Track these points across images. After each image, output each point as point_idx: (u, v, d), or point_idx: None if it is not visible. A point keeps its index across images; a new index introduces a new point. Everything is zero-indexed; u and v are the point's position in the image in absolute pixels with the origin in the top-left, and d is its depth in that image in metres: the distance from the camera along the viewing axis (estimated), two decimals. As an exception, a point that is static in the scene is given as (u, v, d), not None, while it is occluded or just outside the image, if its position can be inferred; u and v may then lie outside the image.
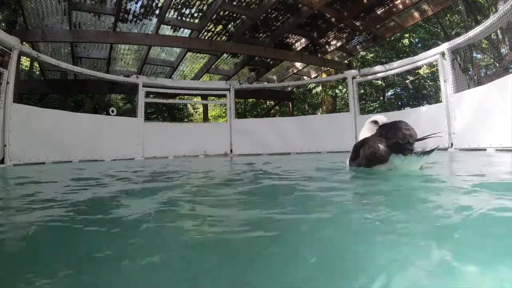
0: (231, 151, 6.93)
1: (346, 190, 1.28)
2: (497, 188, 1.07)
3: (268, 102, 14.09)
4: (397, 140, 1.53)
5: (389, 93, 15.64)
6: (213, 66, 8.48)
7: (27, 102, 8.22)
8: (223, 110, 14.36)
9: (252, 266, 0.47)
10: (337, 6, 6.27)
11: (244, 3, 5.86)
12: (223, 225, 0.74)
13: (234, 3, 5.77)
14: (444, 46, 5.05)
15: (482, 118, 4.19)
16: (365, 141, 1.78)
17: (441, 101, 5.21)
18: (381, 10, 6.64)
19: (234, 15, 6.24)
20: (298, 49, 7.86)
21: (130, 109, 9.69)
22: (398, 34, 10.14)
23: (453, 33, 10.77)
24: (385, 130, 1.70)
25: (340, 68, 8.68)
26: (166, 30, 6.73)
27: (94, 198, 1.21)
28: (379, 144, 1.62)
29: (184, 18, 6.24)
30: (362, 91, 12.80)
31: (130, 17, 6.04)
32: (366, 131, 2.00)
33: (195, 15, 6.16)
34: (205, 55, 8.08)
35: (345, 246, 0.56)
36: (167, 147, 6.49)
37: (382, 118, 1.95)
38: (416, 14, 6.83)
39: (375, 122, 1.96)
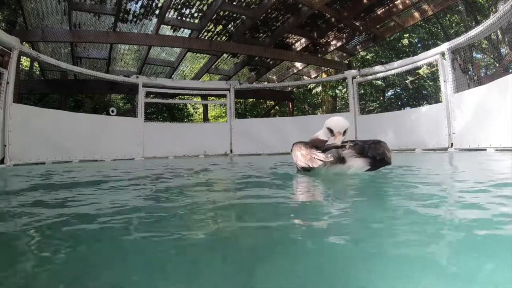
0: (231, 151, 6.94)
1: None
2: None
3: (268, 102, 14.09)
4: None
5: (389, 93, 15.65)
6: (213, 66, 8.48)
7: (27, 102, 8.23)
8: (223, 110, 14.36)
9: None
10: (337, 6, 6.27)
11: (244, 3, 5.86)
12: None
13: (234, 3, 5.77)
14: (444, 46, 5.05)
15: (482, 118, 4.19)
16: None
17: (441, 101, 5.21)
18: (381, 10, 6.65)
19: (234, 15, 6.24)
20: (298, 49, 7.87)
21: (130, 109, 9.69)
22: (398, 34, 10.15)
23: (452, 32, 10.78)
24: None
25: (340, 68, 8.68)
26: (166, 30, 6.73)
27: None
28: (298, 152, 1.55)
29: (184, 18, 6.24)
30: (362, 91, 12.80)
31: (130, 17, 6.05)
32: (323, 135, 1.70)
33: (195, 15, 6.16)
34: (205, 55, 8.09)
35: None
36: (167, 147, 6.49)
37: (338, 124, 1.62)
38: (416, 14, 6.83)
39: (331, 130, 1.62)
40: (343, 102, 14.06)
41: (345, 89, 9.47)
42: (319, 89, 12.20)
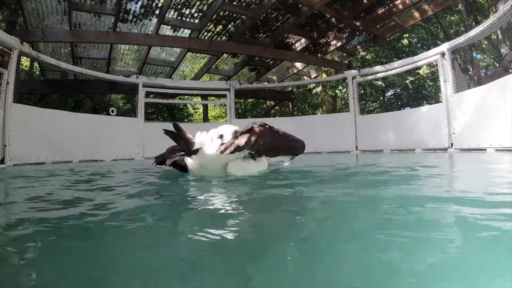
0: (231, 151, 6.92)
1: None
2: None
3: (268, 102, 14.09)
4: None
5: (389, 93, 15.64)
6: (213, 66, 8.47)
7: (27, 102, 8.23)
8: (223, 110, 14.33)
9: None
10: (337, 6, 6.27)
11: (244, 3, 5.86)
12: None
13: (234, 3, 5.77)
14: (444, 46, 5.05)
15: (482, 118, 4.19)
16: None
17: (441, 101, 5.21)
18: (381, 10, 6.64)
19: (234, 15, 6.23)
20: (298, 49, 7.86)
21: (130, 109, 9.69)
22: (398, 34, 10.15)
23: (451, 32, 10.77)
24: None
25: (340, 68, 8.68)
26: (166, 30, 6.73)
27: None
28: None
29: (184, 18, 6.24)
30: (362, 91, 12.78)
31: (130, 17, 6.04)
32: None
33: (195, 15, 6.16)
34: (205, 55, 8.08)
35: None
36: (167, 147, 6.48)
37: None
38: (416, 14, 6.83)
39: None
40: (343, 102, 14.04)
41: (345, 89, 9.47)
42: (319, 89, 12.20)
